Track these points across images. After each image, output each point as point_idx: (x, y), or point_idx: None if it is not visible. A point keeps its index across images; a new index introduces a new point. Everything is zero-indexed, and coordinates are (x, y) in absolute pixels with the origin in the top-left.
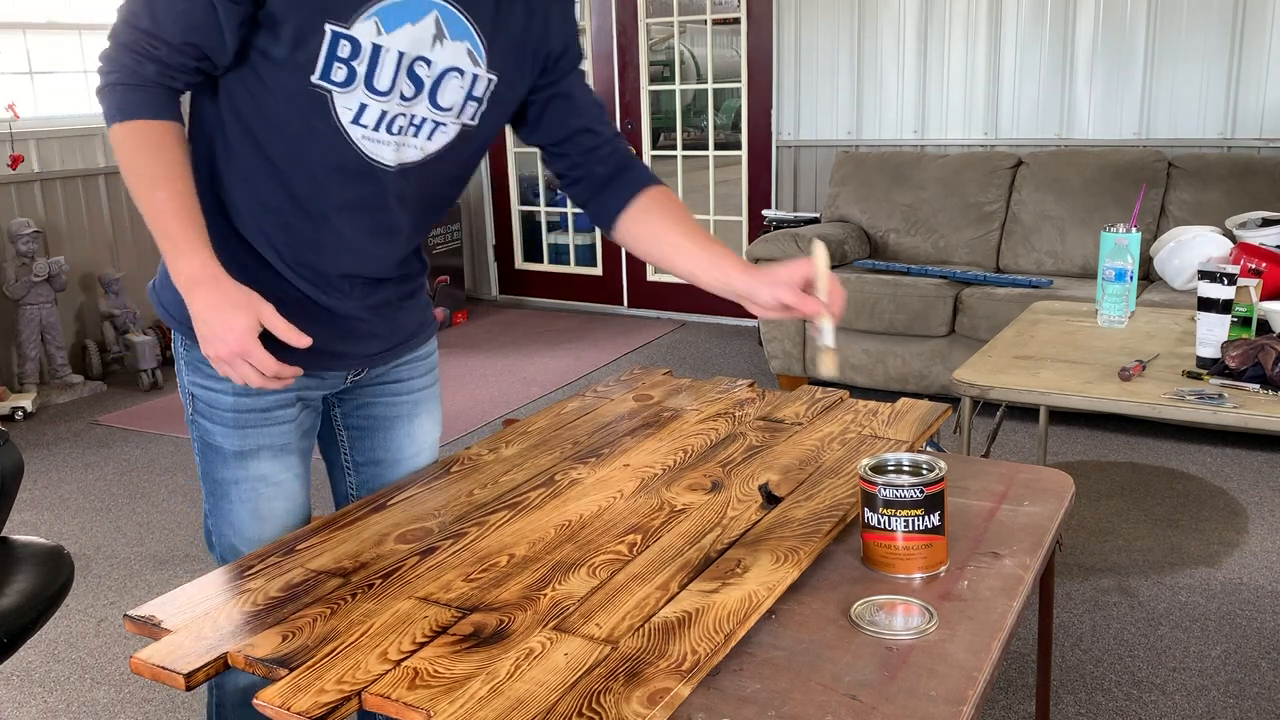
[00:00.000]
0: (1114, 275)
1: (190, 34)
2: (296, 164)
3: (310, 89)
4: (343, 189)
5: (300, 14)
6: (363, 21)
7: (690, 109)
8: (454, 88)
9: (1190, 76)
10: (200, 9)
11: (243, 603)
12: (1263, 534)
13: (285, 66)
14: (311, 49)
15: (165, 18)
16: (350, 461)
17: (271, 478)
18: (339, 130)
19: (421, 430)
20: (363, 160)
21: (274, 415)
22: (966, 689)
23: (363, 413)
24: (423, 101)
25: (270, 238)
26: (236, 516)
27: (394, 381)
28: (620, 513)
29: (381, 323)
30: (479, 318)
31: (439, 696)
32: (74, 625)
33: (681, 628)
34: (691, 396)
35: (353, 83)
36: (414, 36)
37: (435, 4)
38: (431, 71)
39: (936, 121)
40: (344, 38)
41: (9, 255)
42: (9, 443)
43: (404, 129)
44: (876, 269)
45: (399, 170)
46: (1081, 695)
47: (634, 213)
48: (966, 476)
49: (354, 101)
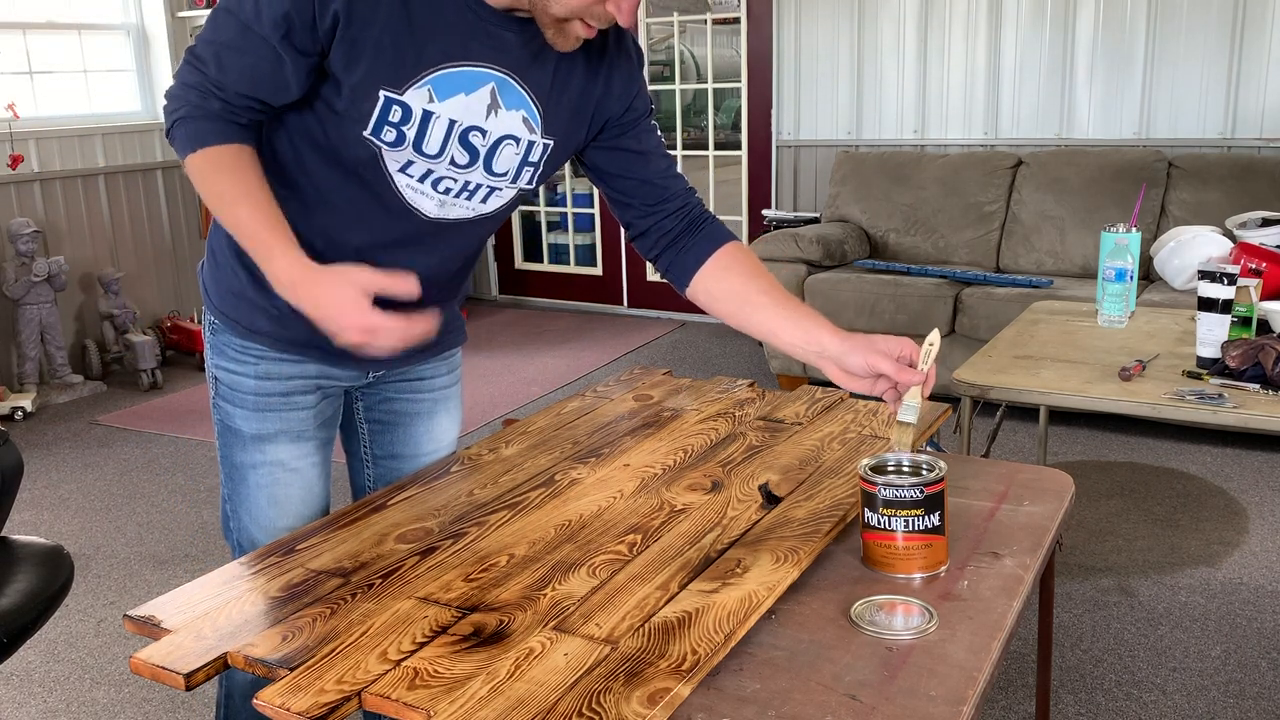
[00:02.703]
0: (1114, 275)
1: (254, 88)
2: (341, 197)
3: (361, 140)
4: (383, 228)
5: (356, 76)
6: (416, 89)
7: (690, 109)
8: (509, 155)
9: (1190, 76)
10: (267, 63)
11: (243, 603)
12: (1263, 534)
13: (341, 116)
14: (365, 109)
15: (232, 69)
16: (369, 454)
17: (289, 463)
18: (385, 177)
19: (440, 428)
20: (402, 204)
21: (293, 400)
22: (966, 689)
23: (384, 407)
24: (478, 169)
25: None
26: (253, 502)
27: (417, 379)
28: (620, 513)
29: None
30: (479, 318)
31: (439, 696)
32: (74, 625)
33: (681, 628)
34: (691, 396)
35: (402, 144)
36: (466, 106)
37: (493, 75)
38: (486, 141)
39: (936, 121)
40: (396, 103)
41: (9, 255)
42: (9, 443)
43: (454, 191)
44: (876, 269)
45: (439, 221)
46: (1081, 695)
47: (712, 269)
48: (966, 476)
49: (402, 158)
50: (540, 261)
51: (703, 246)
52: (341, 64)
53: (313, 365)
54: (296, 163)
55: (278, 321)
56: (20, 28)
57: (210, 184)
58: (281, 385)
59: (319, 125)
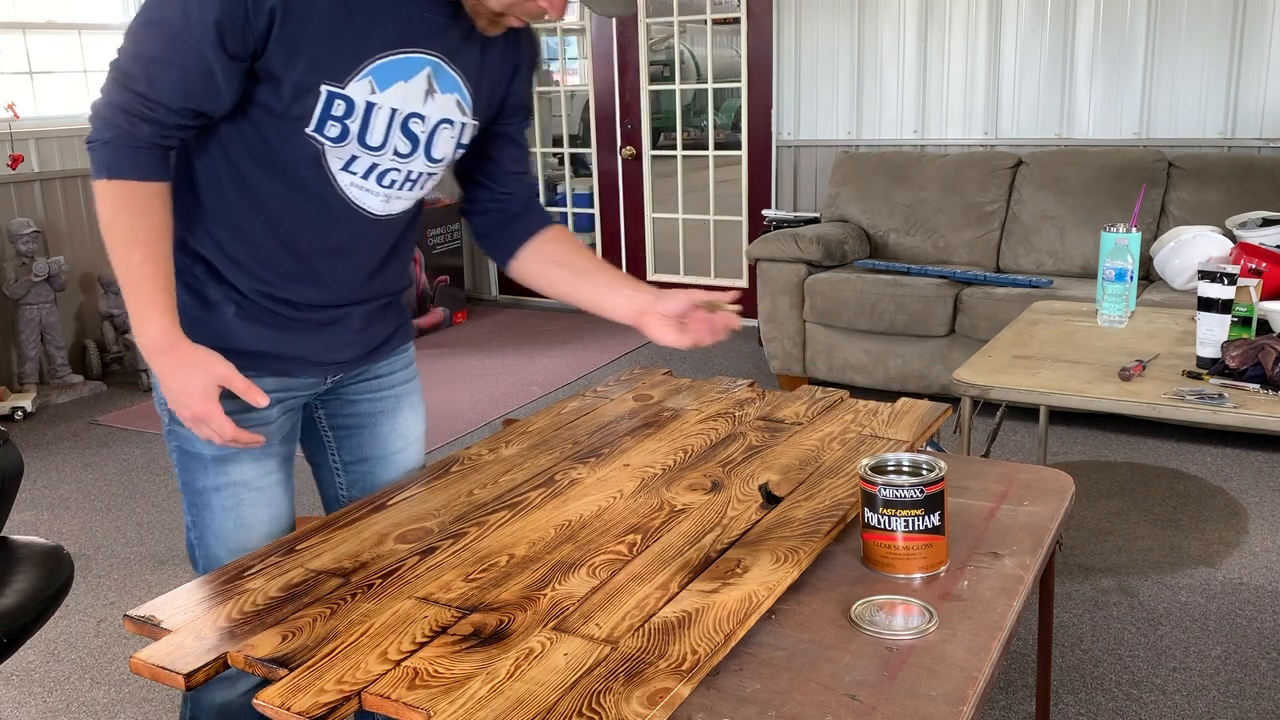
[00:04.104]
0: (1114, 275)
1: (188, 99)
2: (283, 205)
3: (303, 138)
4: (326, 233)
5: (297, 73)
6: (358, 81)
7: (690, 109)
8: (446, 139)
9: (1190, 76)
10: (198, 75)
11: (243, 603)
12: (1263, 534)
13: (281, 117)
14: (308, 105)
15: (163, 83)
16: (339, 462)
17: (253, 483)
18: (328, 178)
19: (407, 424)
20: (347, 206)
21: (252, 418)
22: (966, 689)
23: (348, 411)
24: (419, 157)
25: (249, 269)
26: (219, 525)
27: (375, 378)
28: (620, 513)
29: (359, 333)
30: (479, 318)
31: (439, 696)
32: (74, 625)
33: (681, 628)
34: (691, 396)
35: (345, 139)
36: (406, 93)
37: (428, 60)
38: (426, 126)
39: (936, 121)
40: (339, 97)
41: (9, 255)
42: (9, 443)
43: (398, 184)
44: (876, 269)
45: (383, 218)
46: (1081, 695)
47: (540, 243)
48: (966, 476)
49: (345, 154)
50: None
51: (531, 224)
52: (281, 61)
53: (269, 379)
54: (234, 176)
55: (226, 336)
56: (20, 28)
57: (116, 219)
58: (240, 403)
59: (256, 132)
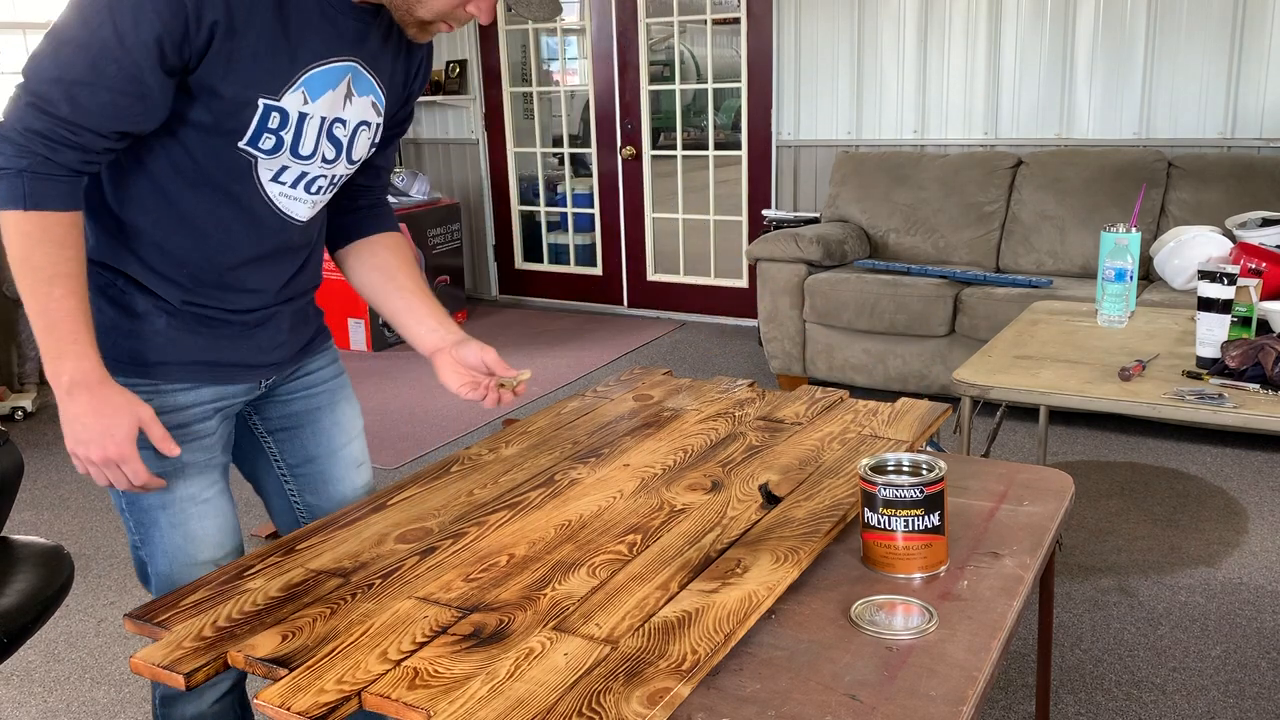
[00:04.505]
0: (1114, 275)
1: (117, 122)
2: (210, 220)
3: (235, 152)
4: (254, 243)
5: (234, 87)
6: (292, 93)
7: (690, 109)
8: (363, 140)
9: (1190, 76)
10: (130, 96)
11: (243, 603)
12: (1263, 534)
13: (211, 132)
14: (243, 119)
15: (90, 106)
16: (284, 466)
17: (199, 496)
18: (258, 190)
19: (346, 417)
20: (276, 217)
21: (194, 430)
22: (966, 689)
23: (284, 412)
24: (342, 161)
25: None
26: (169, 542)
27: (305, 376)
28: (620, 513)
29: (289, 332)
30: (479, 318)
31: (439, 696)
32: (74, 625)
33: (681, 628)
34: (691, 396)
35: (279, 150)
36: (332, 101)
37: (350, 66)
38: (347, 130)
39: (936, 121)
40: (274, 109)
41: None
42: (9, 443)
43: (324, 189)
44: (876, 269)
45: (308, 222)
46: (1081, 695)
47: (370, 244)
48: (966, 476)
49: (276, 164)
50: (540, 262)
51: (372, 223)
52: (218, 76)
53: (207, 389)
54: (157, 194)
55: (161, 348)
56: (20, 28)
57: (32, 252)
58: (179, 417)
59: (182, 149)
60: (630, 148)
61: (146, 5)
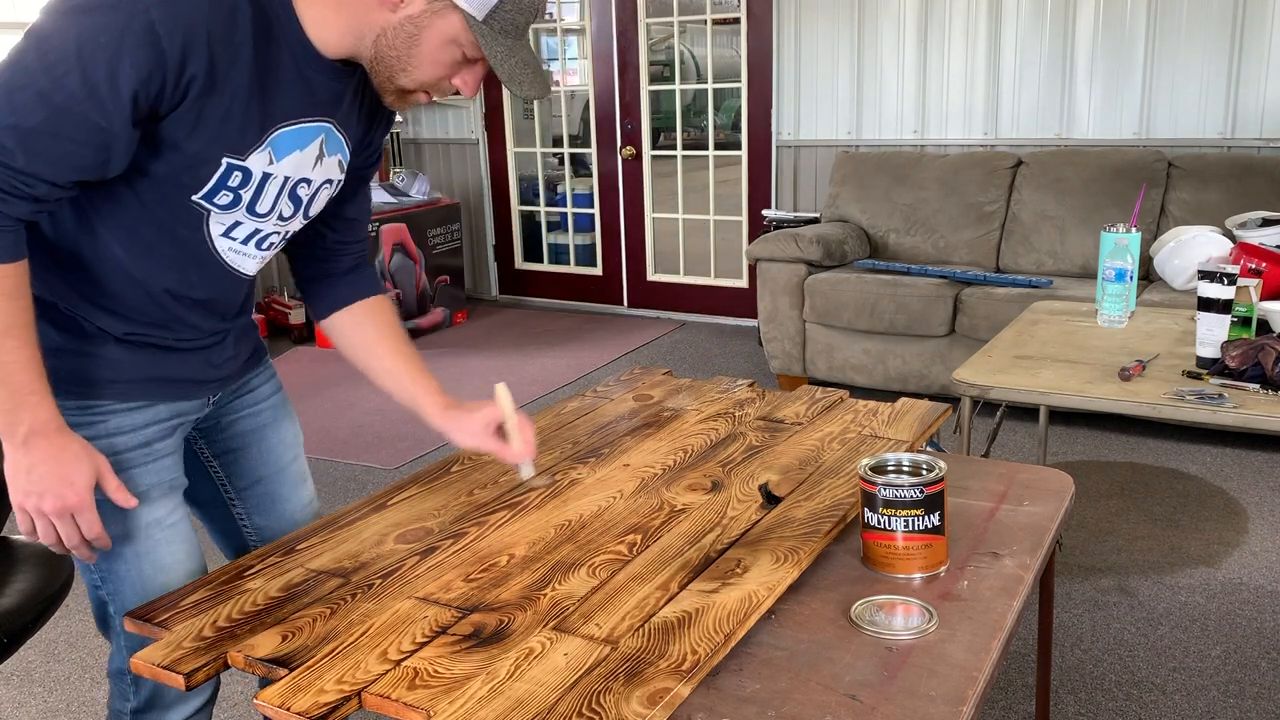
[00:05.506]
0: (1114, 275)
1: (77, 173)
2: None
3: (188, 204)
4: (197, 289)
5: (199, 144)
6: (258, 153)
7: (690, 109)
8: (324, 196)
9: (1190, 76)
10: (92, 148)
11: (243, 603)
12: (1263, 534)
13: (163, 182)
14: (202, 175)
15: (50, 157)
16: (232, 490)
17: (164, 520)
18: (206, 242)
19: (290, 434)
20: (222, 269)
21: (155, 450)
22: (966, 689)
23: (229, 434)
24: (298, 217)
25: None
26: (135, 573)
27: (248, 393)
28: (620, 513)
29: (235, 346)
30: (479, 318)
31: (439, 696)
32: (74, 625)
33: (681, 628)
34: (691, 396)
35: (235, 206)
36: (299, 162)
37: (323, 127)
38: (311, 189)
39: (936, 121)
40: (237, 169)
41: None
42: None
43: (275, 245)
44: (876, 269)
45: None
46: (1081, 695)
47: (356, 312)
48: (966, 476)
49: (229, 219)
50: (540, 262)
51: (358, 288)
52: (185, 131)
53: (163, 406)
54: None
55: (113, 365)
56: (20, 28)
57: None
58: (138, 436)
59: (131, 192)
60: (630, 148)
61: (124, 57)
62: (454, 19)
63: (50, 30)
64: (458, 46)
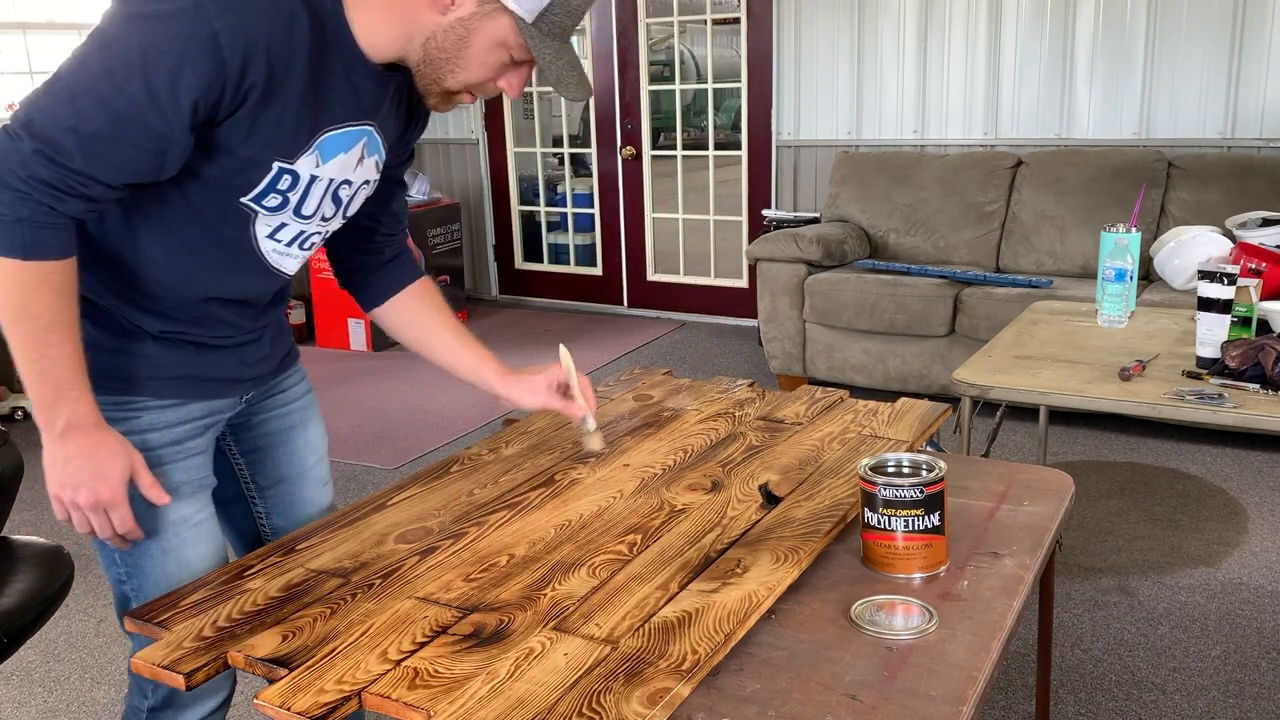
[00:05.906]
0: (1114, 275)
1: (134, 177)
2: (196, 264)
3: (236, 206)
4: (238, 289)
5: (253, 149)
6: (307, 156)
7: (690, 109)
8: (361, 197)
9: (1190, 76)
10: (150, 154)
11: (243, 603)
12: (1263, 534)
13: (214, 184)
14: (254, 178)
15: (108, 160)
16: (254, 488)
17: (192, 518)
18: (251, 242)
19: (316, 437)
20: (265, 269)
21: (186, 448)
22: (966, 689)
23: (257, 433)
24: (338, 217)
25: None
26: (161, 570)
27: (279, 393)
28: (620, 513)
29: (270, 345)
30: (479, 318)
31: (439, 696)
32: (74, 625)
33: (681, 628)
34: (691, 396)
35: (283, 209)
36: (342, 164)
37: (365, 130)
38: (351, 190)
39: (936, 121)
40: (287, 172)
41: None
42: (9, 443)
43: (316, 245)
44: (876, 269)
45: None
46: (1081, 695)
47: (407, 297)
48: (966, 476)
49: (276, 221)
50: (540, 262)
51: (403, 275)
52: (240, 137)
53: (197, 405)
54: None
55: (149, 362)
56: (20, 28)
57: (30, 300)
58: (171, 434)
59: (179, 193)
60: (630, 148)
61: (186, 66)
62: (504, 21)
63: (114, 34)
64: (506, 49)
